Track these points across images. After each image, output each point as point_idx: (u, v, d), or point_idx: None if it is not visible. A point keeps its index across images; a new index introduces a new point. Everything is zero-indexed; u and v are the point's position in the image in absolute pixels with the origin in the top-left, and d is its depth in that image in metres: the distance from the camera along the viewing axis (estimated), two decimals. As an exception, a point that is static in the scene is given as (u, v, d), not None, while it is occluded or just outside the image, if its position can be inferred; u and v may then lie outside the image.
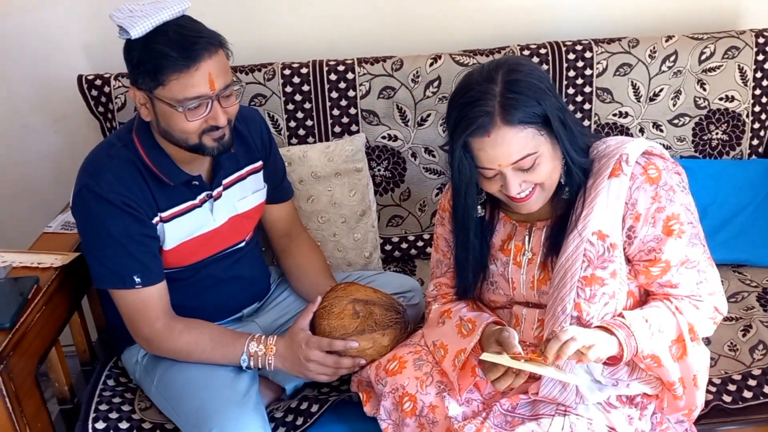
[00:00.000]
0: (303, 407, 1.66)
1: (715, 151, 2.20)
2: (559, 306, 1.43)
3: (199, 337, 1.64)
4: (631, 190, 1.41)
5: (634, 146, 1.44)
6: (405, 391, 1.52)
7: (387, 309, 1.63)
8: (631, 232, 1.43)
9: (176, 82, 1.46)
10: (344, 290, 1.65)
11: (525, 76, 1.35)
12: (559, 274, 1.44)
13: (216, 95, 1.50)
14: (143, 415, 1.70)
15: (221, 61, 1.50)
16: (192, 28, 1.49)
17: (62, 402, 1.77)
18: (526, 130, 1.34)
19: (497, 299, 1.57)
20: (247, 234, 1.79)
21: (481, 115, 1.33)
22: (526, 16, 2.23)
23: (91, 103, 2.07)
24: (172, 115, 1.50)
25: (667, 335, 1.42)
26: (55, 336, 1.69)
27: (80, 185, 1.58)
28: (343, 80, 2.08)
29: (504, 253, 1.54)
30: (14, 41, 2.16)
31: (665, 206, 1.41)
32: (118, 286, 1.60)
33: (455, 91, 1.40)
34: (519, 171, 1.37)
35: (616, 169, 1.42)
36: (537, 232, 1.51)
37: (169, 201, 1.63)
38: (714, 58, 2.13)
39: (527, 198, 1.41)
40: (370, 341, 1.60)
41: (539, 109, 1.34)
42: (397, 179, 2.16)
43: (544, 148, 1.37)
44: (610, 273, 1.43)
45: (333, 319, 1.60)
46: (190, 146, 1.55)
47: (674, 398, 1.46)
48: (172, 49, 1.44)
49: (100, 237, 1.58)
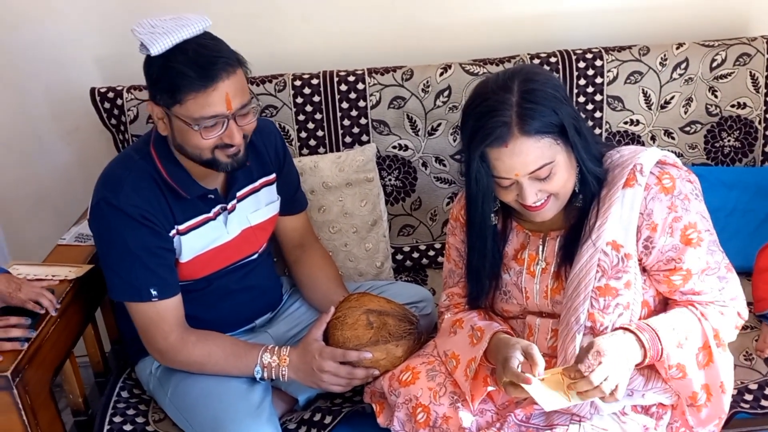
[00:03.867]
0: (316, 419, 1.66)
1: (728, 158, 2.19)
2: (573, 316, 1.43)
3: (212, 349, 1.64)
4: (646, 200, 1.41)
5: (648, 156, 1.43)
6: (418, 402, 1.51)
7: (401, 320, 1.62)
8: (648, 242, 1.42)
9: (193, 101, 1.47)
10: (357, 301, 1.65)
11: (541, 86, 1.35)
12: (573, 283, 1.44)
13: (233, 114, 1.50)
14: (157, 427, 1.70)
15: (239, 80, 1.51)
16: (212, 47, 1.49)
17: (76, 414, 1.77)
18: (543, 140, 1.34)
19: (510, 309, 1.56)
20: (260, 246, 1.80)
21: (499, 125, 1.33)
22: (535, 24, 2.23)
23: (104, 115, 2.08)
24: (188, 132, 1.51)
25: (693, 343, 1.42)
26: (70, 348, 1.70)
27: (98, 198, 1.59)
28: (354, 90, 2.08)
29: (517, 262, 1.53)
30: (27, 54, 2.17)
31: (681, 215, 1.41)
32: (135, 299, 1.61)
33: (470, 100, 1.40)
34: (535, 180, 1.37)
35: (630, 179, 1.41)
36: (551, 242, 1.50)
37: (185, 214, 1.64)
38: (725, 65, 2.12)
39: (542, 207, 1.41)
40: (383, 352, 1.59)
41: (555, 119, 1.34)
42: (407, 189, 2.16)
43: (560, 157, 1.37)
44: (624, 283, 1.42)
45: (347, 329, 1.60)
46: (204, 161, 1.56)
47: (697, 410, 1.45)
48: (190, 69, 1.45)
49: (118, 250, 1.58)
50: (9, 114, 2.24)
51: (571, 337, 1.43)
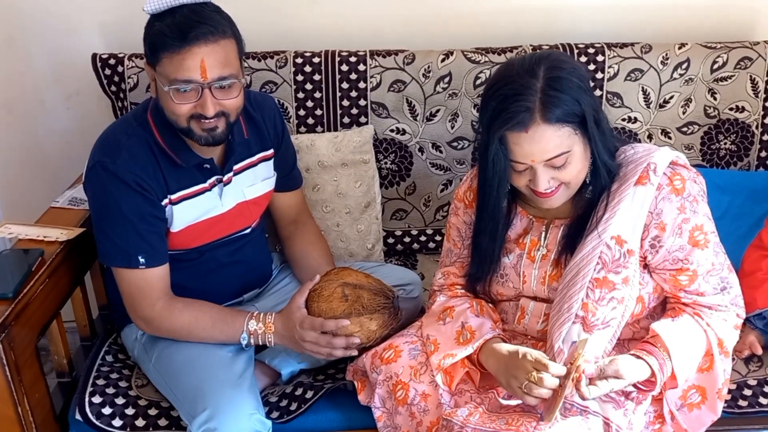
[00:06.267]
0: (298, 393, 1.67)
1: (723, 161, 2.19)
2: (567, 303, 1.44)
3: (199, 315, 1.65)
4: (656, 200, 1.43)
5: (662, 156, 1.45)
6: (398, 380, 1.53)
7: (375, 294, 1.62)
8: (656, 241, 1.44)
9: (168, 61, 1.47)
10: (336, 274, 1.66)
11: (567, 74, 1.36)
12: (571, 271, 1.45)
13: (208, 84, 1.48)
14: (139, 392, 1.71)
15: (222, 51, 1.48)
16: (204, 14, 1.48)
17: (60, 375, 1.78)
18: (563, 128, 1.35)
19: (505, 292, 1.57)
20: (253, 221, 1.80)
21: (522, 110, 1.33)
22: (540, 16, 2.22)
23: (104, 81, 2.08)
24: (164, 95, 1.52)
25: (699, 354, 1.45)
26: (57, 309, 1.70)
27: (94, 161, 1.59)
28: (355, 71, 2.08)
29: (519, 246, 1.54)
30: (33, 18, 2.17)
31: (690, 217, 1.43)
32: (123, 265, 1.61)
33: (494, 81, 1.40)
34: (550, 168, 1.38)
35: (643, 177, 1.43)
36: (554, 230, 1.52)
37: (179, 183, 1.64)
38: (726, 67, 2.12)
39: (552, 194, 1.42)
40: (357, 325, 1.60)
41: (578, 109, 1.35)
42: (403, 173, 2.16)
43: (577, 147, 1.38)
44: (623, 279, 1.44)
45: (322, 301, 1.62)
46: (180, 129, 1.56)
47: (688, 409, 1.48)
48: (169, 29, 1.46)
49: (111, 214, 1.58)
50: (12, 75, 2.24)
51: (560, 323, 1.44)
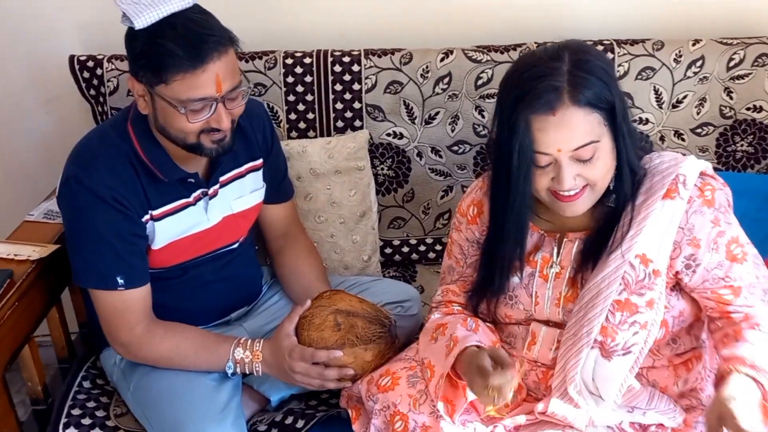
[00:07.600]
0: (288, 422, 1.60)
1: (739, 163, 2.12)
2: (585, 327, 1.35)
3: (181, 341, 1.58)
4: (687, 214, 1.34)
5: (690, 166, 1.36)
6: (397, 410, 1.45)
7: (371, 322, 1.55)
8: (691, 261, 1.35)
9: (181, 82, 1.40)
10: (329, 299, 1.59)
11: (594, 58, 1.31)
12: (591, 292, 1.36)
13: (222, 97, 1.43)
14: (118, 422, 1.63)
15: (230, 61, 1.44)
16: (202, 22, 1.42)
17: (35, 402, 1.70)
18: (592, 114, 1.27)
19: (514, 315, 1.48)
20: (241, 235, 1.73)
21: (549, 90, 1.26)
22: (545, 12, 2.15)
23: (83, 85, 2.02)
24: (173, 114, 1.44)
25: None
26: (28, 334, 1.62)
27: (68, 174, 1.52)
28: (348, 72, 2.02)
29: (530, 264, 1.44)
30: (8, 18, 2.12)
31: (725, 230, 1.35)
32: (100, 286, 1.54)
33: (516, 67, 1.34)
34: (576, 162, 1.29)
35: (671, 190, 1.35)
36: (568, 244, 1.42)
37: (161, 198, 1.57)
38: (743, 65, 2.05)
39: (576, 197, 1.33)
40: (351, 356, 1.53)
41: (608, 95, 1.28)
42: (400, 179, 2.10)
43: (606, 140, 1.30)
44: (647, 301, 1.35)
45: (313, 330, 1.54)
46: (188, 145, 1.49)
47: None
48: (179, 47, 1.37)
49: (85, 232, 1.52)
50: (-14, 78, 2.19)
51: (577, 349, 1.36)
